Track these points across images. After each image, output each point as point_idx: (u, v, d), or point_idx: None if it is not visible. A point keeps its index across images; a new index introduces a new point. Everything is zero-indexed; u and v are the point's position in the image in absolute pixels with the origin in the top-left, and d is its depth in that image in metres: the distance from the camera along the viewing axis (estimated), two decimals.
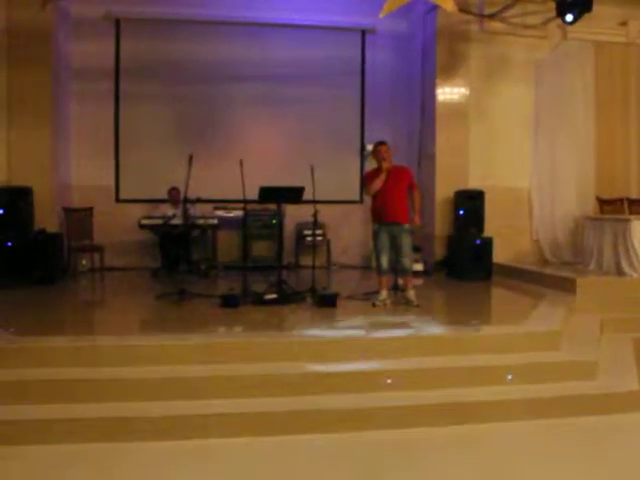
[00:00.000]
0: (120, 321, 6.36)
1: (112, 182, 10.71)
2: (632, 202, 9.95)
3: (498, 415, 4.83)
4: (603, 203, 10.05)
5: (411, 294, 7.07)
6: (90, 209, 10.11)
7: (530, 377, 5.22)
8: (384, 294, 7.10)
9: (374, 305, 6.96)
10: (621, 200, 9.95)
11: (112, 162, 10.70)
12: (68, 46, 10.28)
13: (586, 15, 8.68)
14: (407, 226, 6.96)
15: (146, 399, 4.64)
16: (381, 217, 6.97)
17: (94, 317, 7.17)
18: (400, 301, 7.24)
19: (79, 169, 10.46)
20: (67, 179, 10.27)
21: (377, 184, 6.89)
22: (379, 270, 7.13)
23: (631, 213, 9.49)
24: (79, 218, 9.98)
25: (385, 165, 6.88)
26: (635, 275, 8.26)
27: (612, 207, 9.87)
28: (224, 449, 4.28)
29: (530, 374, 5.25)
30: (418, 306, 6.95)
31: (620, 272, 8.43)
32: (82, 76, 10.45)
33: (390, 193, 6.88)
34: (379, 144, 7.05)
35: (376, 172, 7.00)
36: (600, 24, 9.93)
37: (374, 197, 7.01)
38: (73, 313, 7.11)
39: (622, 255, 8.45)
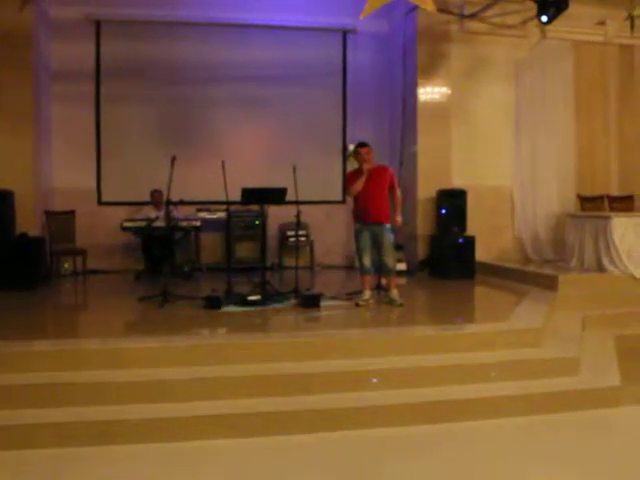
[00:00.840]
0: (103, 324, 6.32)
1: (94, 184, 10.65)
2: (612, 199, 10.05)
3: (482, 412, 4.85)
4: (584, 200, 10.14)
5: (394, 293, 7.08)
6: (72, 212, 10.06)
7: (513, 374, 5.26)
8: (367, 294, 7.12)
9: (358, 305, 6.98)
10: (602, 197, 10.05)
11: (94, 164, 10.65)
12: (48, 48, 10.23)
13: (565, 15, 8.79)
14: (389, 225, 6.99)
15: (130, 402, 4.62)
16: (363, 217, 6.98)
17: (77, 320, 7.13)
18: (383, 300, 7.27)
19: (61, 172, 10.38)
20: (49, 182, 10.20)
21: (358, 185, 6.90)
22: (362, 270, 7.15)
23: (611, 210, 9.58)
24: (61, 221, 9.92)
25: (366, 166, 6.90)
26: (616, 271, 8.36)
27: (593, 204, 9.96)
28: (210, 451, 4.28)
29: (513, 371, 5.29)
30: (401, 305, 6.97)
31: (601, 269, 8.52)
32: (63, 78, 10.38)
33: (371, 193, 6.89)
34: (360, 146, 7.06)
35: (357, 173, 7.01)
36: (578, 24, 10.00)
37: (356, 198, 7.02)
38: (56, 317, 7.08)
39: (603, 252, 8.54)
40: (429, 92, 10.30)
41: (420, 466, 4.07)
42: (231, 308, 6.80)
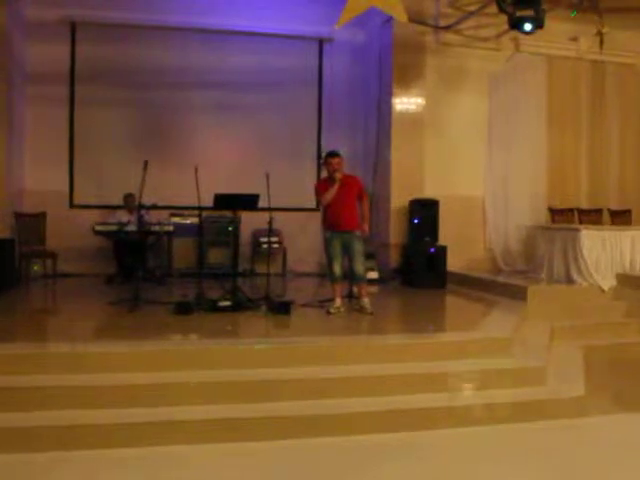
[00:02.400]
0: (72, 328, 6.26)
1: (66, 187, 10.55)
2: (582, 212, 10.21)
3: (449, 421, 4.88)
4: (554, 213, 10.27)
5: (365, 302, 7.10)
6: (43, 214, 9.95)
7: (482, 383, 5.30)
8: (338, 302, 7.12)
9: (329, 313, 6.99)
10: (571, 210, 10.21)
11: (66, 167, 10.55)
12: (23, 49, 10.14)
13: (538, 29, 8.87)
14: (358, 233, 7.03)
15: (98, 407, 4.58)
16: (334, 226, 7.01)
17: (45, 324, 7.05)
18: (354, 308, 7.28)
19: (32, 173, 10.27)
20: (20, 183, 10.10)
21: (330, 194, 6.93)
22: (332, 278, 7.16)
23: (581, 223, 9.74)
24: (31, 223, 9.81)
25: (337, 176, 6.93)
26: (584, 283, 8.46)
27: (563, 217, 10.11)
28: (176, 456, 4.26)
29: (482, 380, 5.32)
30: (372, 314, 6.99)
31: (570, 280, 8.62)
32: (37, 79, 10.29)
33: (342, 202, 6.93)
34: (330, 156, 7.08)
35: (327, 182, 7.05)
36: (552, 38, 10.18)
37: (326, 206, 7.05)
38: (23, 320, 6.99)
39: (572, 264, 8.64)
40: (404, 102, 10.36)
41: (386, 474, 4.09)
42: (201, 314, 6.77)
